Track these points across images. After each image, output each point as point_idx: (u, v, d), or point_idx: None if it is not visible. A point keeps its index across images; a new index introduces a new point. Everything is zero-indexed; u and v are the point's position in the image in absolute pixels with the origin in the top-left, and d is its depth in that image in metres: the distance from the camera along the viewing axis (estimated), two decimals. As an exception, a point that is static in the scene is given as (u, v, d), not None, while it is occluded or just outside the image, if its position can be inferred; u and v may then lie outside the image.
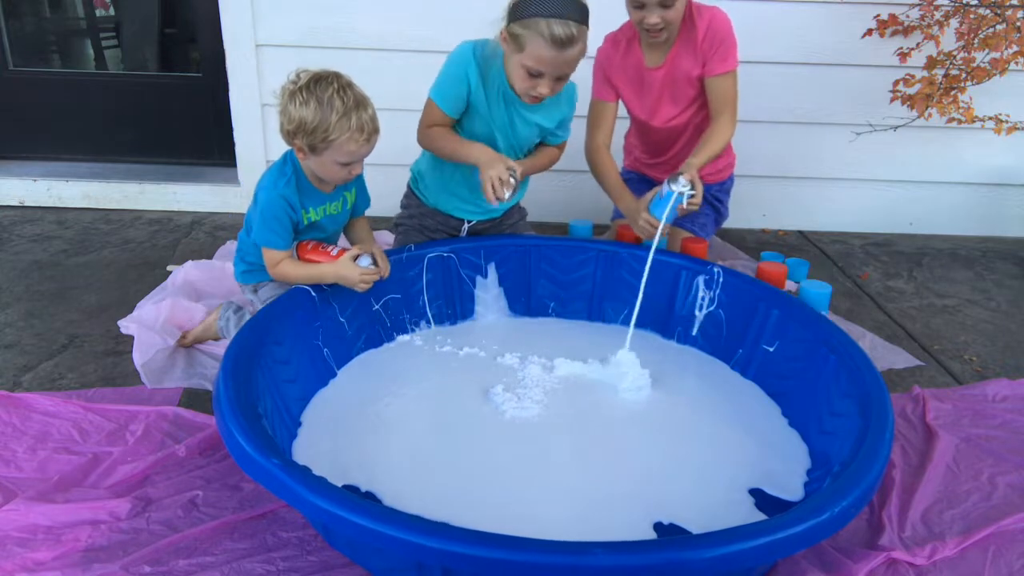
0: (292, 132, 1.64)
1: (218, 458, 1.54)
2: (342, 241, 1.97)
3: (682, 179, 1.86)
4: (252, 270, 1.89)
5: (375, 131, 1.67)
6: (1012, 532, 1.41)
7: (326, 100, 1.60)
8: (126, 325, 2.02)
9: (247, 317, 1.90)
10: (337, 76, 1.65)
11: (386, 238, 2.63)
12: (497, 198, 1.81)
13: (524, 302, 2.15)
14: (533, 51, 1.71)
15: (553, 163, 2.14)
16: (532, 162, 2.04)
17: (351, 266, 1.74)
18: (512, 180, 1.82)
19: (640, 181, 2.42)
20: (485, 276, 2.11)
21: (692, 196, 1.86)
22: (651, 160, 2.40)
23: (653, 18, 1.99)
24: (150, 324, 1.96)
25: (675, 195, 1.86)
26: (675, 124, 2.23)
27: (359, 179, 1.90)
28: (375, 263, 1.78)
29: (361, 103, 1.65)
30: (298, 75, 1.65)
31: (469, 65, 1.84)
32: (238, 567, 1.25)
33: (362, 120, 1.63)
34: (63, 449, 1.53)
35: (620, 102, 2.26)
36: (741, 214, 3.05)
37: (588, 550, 1.00)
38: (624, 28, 2.19)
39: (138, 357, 1.85)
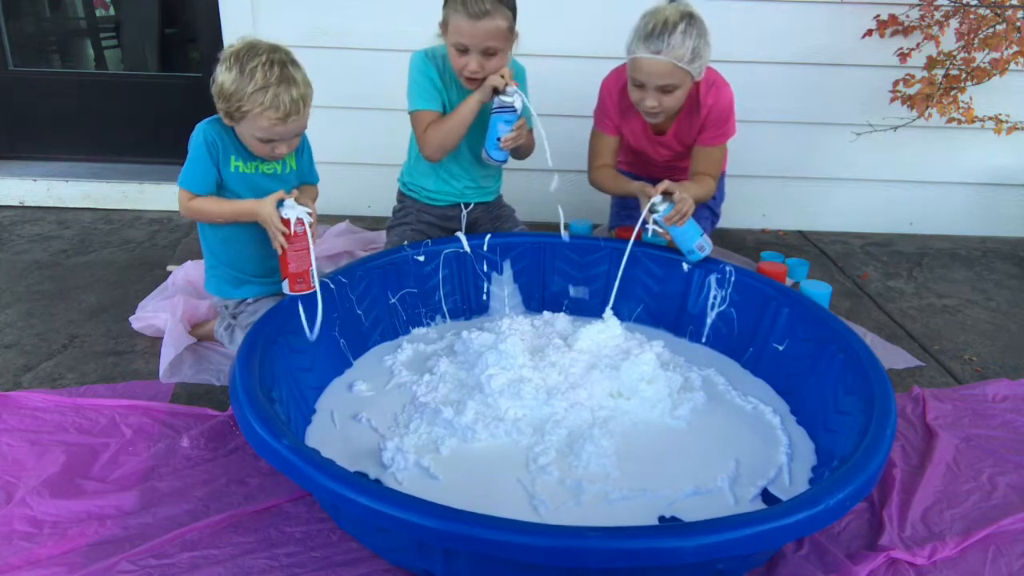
0: (215, 95, 1.61)
1: (224, 452, 1.54)
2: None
3: (658, 199, 1.90)
4: (223, 268, 1.81)
5: (295, 113, 1.59)
6: (1012, 532, 1.41)
7: (248, 70, 1.54)
8: (144, 318, 2.03)
9: (237, 331, 1.86)
10: (274, 50, 1.58)
11: (380, 238, 2.63)
12: (505, 85, 1.92)
13: (539, 299, 2.17)
14: (454, 26, 1.89)
15: (530, 149, 2.19)
16: (520, 132, 2.04)
17: (268, 205, 1.63)
18: (513, 100, 1.93)
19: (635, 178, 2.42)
20: (501, 272, 2.14)
21: (671, 211, 1.90)
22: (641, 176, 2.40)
23: (651, 101, 1.96)
24: (175, 319, 1.97)
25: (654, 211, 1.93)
26: (676, 157, 2.25)
27: (304, 150, 1.83)
28: (302, 216, 1.64)
29: (286, 81, 1.56)
30: (241, 41, 1.60)
31: (426, 65, 2.02)
32: (242, 562, 1.26)
33: (279, 98, 1.55)
34: (61, 444, 1.53)
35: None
36: (741, 214, 3.05)
37: (583, 534, 1.04)
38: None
39: (169, 351, 1.86)
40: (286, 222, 1.62)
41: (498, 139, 1.98)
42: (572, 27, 2.73)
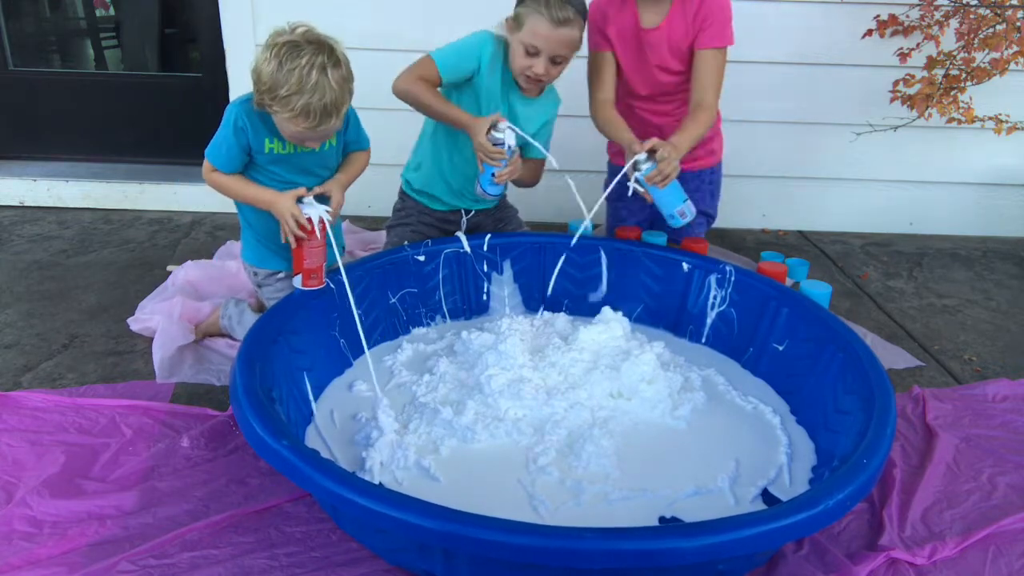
0: (252, 78, 1.57)
1: (224, 452, 1.54)
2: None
3: (642, 156, 1.84)
4: (257, 240, 1.83)
5: (325, 117, 1.55)
6: (1012, 532, 1.41)
7: (286, 70, 1.50)
8: (142, 320, 2.03)
9: (247, 312, 1.91)
10: (317, 51, 1.53)
11: (380, 238, 2.62)
12: (492, 165, 1.87)
13: (539, 299, 2.17)
14: (531, 27, 1.83)
15: (536, 179, 2.15)
16: (515, 167, 1.99)
17: (287, 200, 1.63)
18: (504, 136, 1.85)
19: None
20: (501, 272, 2.14)
21: (652, 171, 1.84)
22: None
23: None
24: (169, 319, 1.97)
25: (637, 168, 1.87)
26: (664, 92, 2.14)
27: (349, 121, 1.78)
28: (322, 215, 1.64)
29: (321, 89, 1.51)
30: (292, 30, 1.56)
31: (486, 46, 1.93)
32: (242, 562, 1.26)
33: (311, 106, 1.51)
34: (61, 444, 1.53)
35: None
36: (741, 214, 3.05)
37: (580, 534, 1.04)
38: None
39: (160, 351, 1.86)
40: (309, 221, 1.62)
41: (493, 175, 1.93)
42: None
